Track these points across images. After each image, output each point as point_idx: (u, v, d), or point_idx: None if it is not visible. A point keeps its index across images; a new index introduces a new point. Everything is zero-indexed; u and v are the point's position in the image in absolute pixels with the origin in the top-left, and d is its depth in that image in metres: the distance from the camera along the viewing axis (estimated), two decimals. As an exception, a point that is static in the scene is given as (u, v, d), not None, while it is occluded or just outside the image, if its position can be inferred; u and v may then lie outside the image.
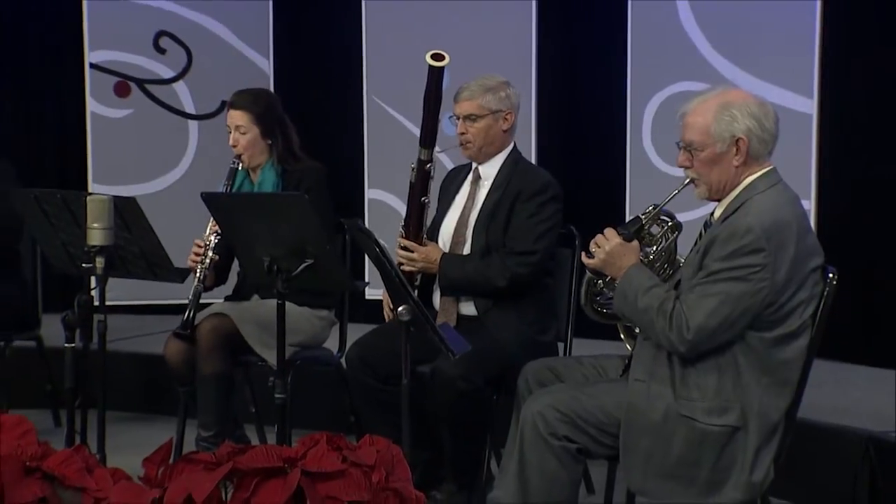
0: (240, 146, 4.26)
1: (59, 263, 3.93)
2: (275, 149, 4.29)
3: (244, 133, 4.26)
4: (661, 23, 5.61)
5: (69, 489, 2.53)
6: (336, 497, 2.35)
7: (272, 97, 4.41)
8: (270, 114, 4.30)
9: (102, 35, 6.27)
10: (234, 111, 4.30)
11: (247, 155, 4.27)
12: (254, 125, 4.26)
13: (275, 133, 4.29)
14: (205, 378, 4.08)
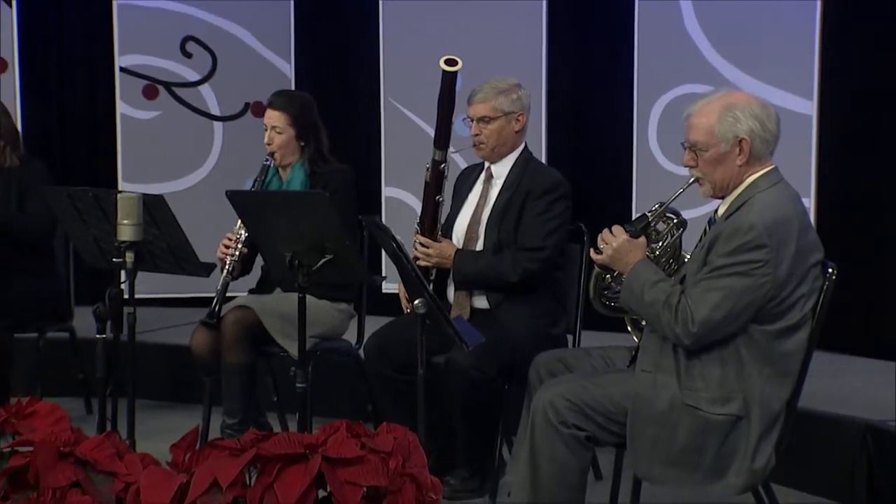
0: (274, 145, 4.27)
1: (90, 258, 3.94)
2: (306, 150, 4.30)
3: (280, 133, 4.26)
4: (666, 27, 5.60)
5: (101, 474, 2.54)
6: (355, 482, 2.35)
7: (309, 101, 4.38)
8: (306, 117, 4.30)
9: (131, 40, 6.28)
10: (271, 111, 4.30)
11: (279, 154, 4.28)
12: (289, 126, 4.26)
13: (308, 135, 4.29)
14: (229, 368, 4.09)
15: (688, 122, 3.13)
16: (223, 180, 5.59)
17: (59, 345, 4.94)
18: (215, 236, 4.23)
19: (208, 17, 6.32)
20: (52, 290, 4.82)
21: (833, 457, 4.02)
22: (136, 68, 6.30)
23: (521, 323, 3.87)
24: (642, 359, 3.17)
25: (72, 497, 2.46)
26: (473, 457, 3.85)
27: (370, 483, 2.36)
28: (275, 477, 2.34)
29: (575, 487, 3.10)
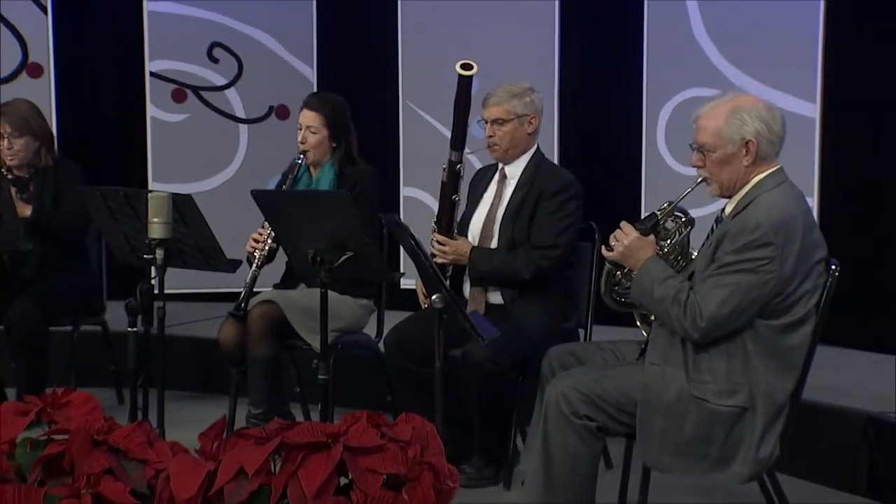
0: (307, 144, 4.27)
1: (122, 255, 3.95)
2: (337, 151, 4.30)
3: (314, 133, 4.26)
4: (674, 33, 5.60)
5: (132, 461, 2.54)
6: (375, 470, 2.35)
7: (343, 104, 4.38)
8: (340, 119, 4.31)
9: (161, 46, 6.30)
10: (307, 111, 4.29)
11: (312, 153, 4.28)
12: (324, 127, 4.26)
13: (340, 137, 4.30)
14: (255, 360, 4.10)
15: (696, 125, 3.13)
16: (248, 180, 5.59)
17: (93, 337, 4.96)
18: (241, 234, 4.24)
19: (234, 23, 6.33)
20: (85, 285, 4.84)
21: (835, 447, 4.01)
22: (165, 73, 6.32)
23: (534, 318, 3.86)
24: (651, 352, 3.16)
25: (105, 483, 2.47)
26: (489, 446, 3.85)
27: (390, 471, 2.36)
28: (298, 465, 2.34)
29: (586, 476, 3.09)
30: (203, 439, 2.52)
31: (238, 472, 2.35)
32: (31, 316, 4.48)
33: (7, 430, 2.58)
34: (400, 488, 2.36)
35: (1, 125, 4.56)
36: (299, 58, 6.39)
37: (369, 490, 2.32)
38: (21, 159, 4.60)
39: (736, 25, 5.46)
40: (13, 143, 4.56)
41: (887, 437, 3.89)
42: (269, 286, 4.37)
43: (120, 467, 2.52)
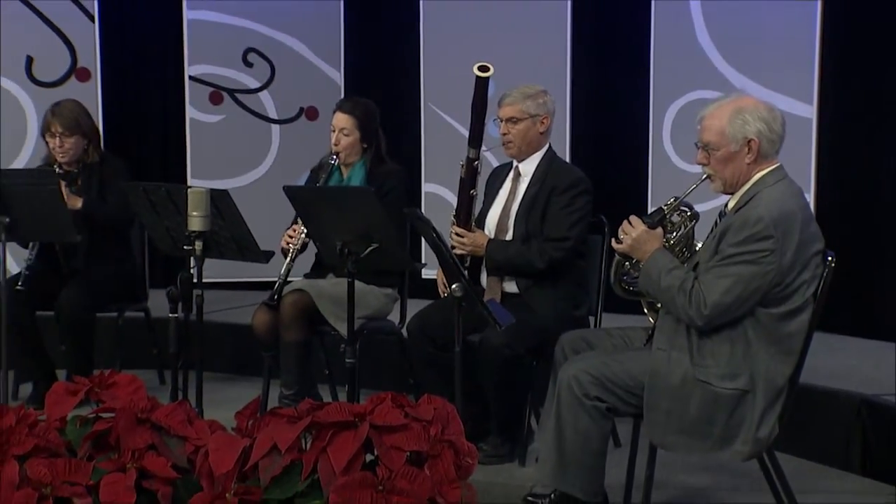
0: (340, 145, 4.27)
1: (163, 246, 3.96)
2: (368, 152, 4.30)
3: (347, 135, 4.26)
4: (679, 39, 5.57)
5: (174, 437, 2.56)
6: (399, 447, 2.35)
7: (374, 108, 4.37)
8: (370, 122, 4.30)
9: (199, 51, 6.31)
10: (341, 114, 4.29)
11: (344, 153, 4.28)
12: (356, 130, 4.26)
13: (370, 139, 4.29)
14: (287, 345, 4.10)
15: (701, 124, 3.11)
16: (280, 177, 5.61)
17: (136, 323, 4.98)
18: (273, 226, 4.25)
19: (267, 30, 6.33)
20: (129, 274, 4.85)
21: (831, 427, 4.00)
22: (203, 77, 6.32)
23: (547, 305, 3.86)
24: (658, 338, 3.15)
25: (148, 458, 2.48)
26: (505, 425, 3.85)
27: (413, 448, 2.36)
28: (328, 442, 2.35)
29: (596, 453, 3.08)
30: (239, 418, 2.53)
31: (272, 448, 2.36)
32: (79, 303, 4.50)
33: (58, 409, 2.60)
34: (422, 464, 2.36)
35: (53, 125, 4.58)
36: (328, 62, 6.38)
37: (394, 466, 2.33)
38: (71, 156, 4.61)
39: (737, 31, 5.43)
40: (64, 141, 4.58)
41: (880, 418, 3.88)
42: (300, 276, 4.38)
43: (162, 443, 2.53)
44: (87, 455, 2.50)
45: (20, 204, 4.02)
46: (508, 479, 3.67)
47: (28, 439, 2.47)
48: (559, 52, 5.84)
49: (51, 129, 4.60)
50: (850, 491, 3.73)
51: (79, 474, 2.44)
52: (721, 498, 3.62)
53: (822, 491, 3.67)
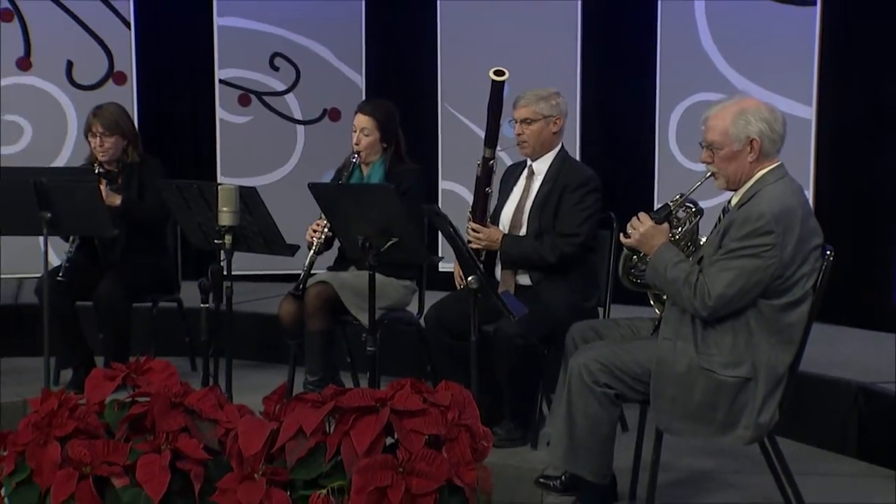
0: (361, 145, 4.26)
1: (195, 240, 3.97)
2: (387, 151, 4.29)
3: (367, 135, 4.26)
4: (684, 44, 5.55)
5: (205, 420, 2.57)
6: (419, 431, 2.36)
7: (393, 109, 4.35)
8: (390, 123, 4.29)
9: (229, 56, 6.31)
10: (361, 116, 4.28)
11: (364, 153, 4.27)
12: (375, 130, 4.25)
13: (390, 139, 4.29)
14: (311, 334, 4.11)
15: (705, 125, 3.10)
16: (305, 174, 5.59)
17: (169, 313, 4.98)
18: (299, 221, 4.25)
19: (293, 36, 6.33)
20: (163, 266, 4.86)
21: (829, 414, 3.99)
22: (232, 80, 6.33)
23: (558, 297, 3.85)
24: (664, 328, 3.14)
25: (182, 440, 2.49)
26: (518, 411, 3.84)
27: (431, 432, 2.36)
28: (350, 425, 2.36)
29: (605, 437, 3.08)
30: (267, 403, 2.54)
31: (297, 431, 2.36)
32: (116, 294, 4.51)
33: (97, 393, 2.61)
34: (440, 447, 2.37)
35: (94, 125, 4.60)
36: (350, 66, 6.38)
37: (413, 448, 2.33)
38: (111, 156, 4.62)
39: (739, 35, 5.41)
40: (104, 141, 4.59)
41: (875, 405, 3.86)
42: (324, 269, 4.38)
43: (195, 426, 2.55)
44: (124, 437, 2.52)
45: (61, 200, 4.04)
46: (521, 462, 3.66)
47: (69, 422, 2.49)
48: (570, 57, 5.83)
49: (92, 130, 4.61)
50: (846, 474, 3.72)
51: (117, 455, 2.45)
52: (724, 480, 3.61)
53: (819, 473, 3.66)
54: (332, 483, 2.30)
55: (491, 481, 2.41)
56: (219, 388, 2.99)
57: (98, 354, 4.61)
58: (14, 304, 5.52)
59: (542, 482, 3.42)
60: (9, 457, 2.49)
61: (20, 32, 6.14)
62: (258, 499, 2.31)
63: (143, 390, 2.63)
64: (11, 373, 4.95)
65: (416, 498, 2.26)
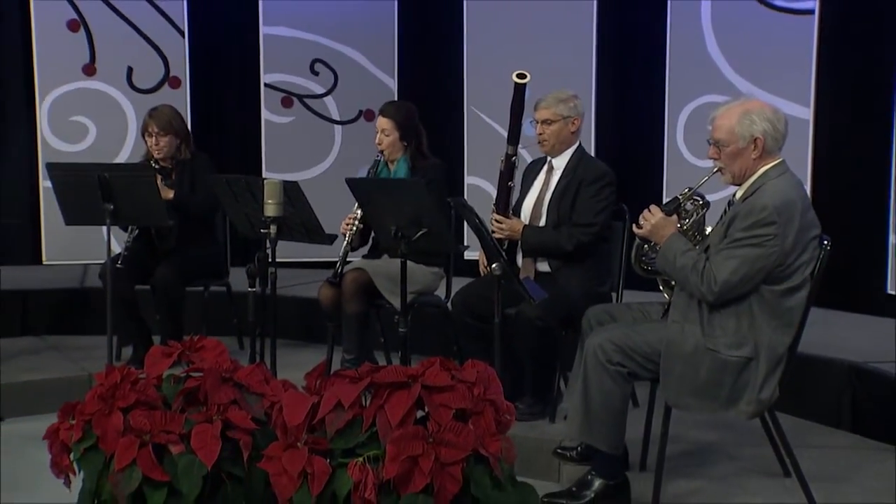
0: (383, 144, 4.26)
1: (243, 230, 3.98)
2: (409, 148, 4.28)
3: (388, 135, 4.25)
4: (692, 50, 5.52)
5: (253, 394, 2.57)
6: (447, 405, 2.35)
7: (412, 109, 4.34)
8: (409, 122, 4.27)
9: (273, 62, 6.33)
10: (382, 118, 4.27)
11: (387, 151, 4.27)
12: (395, 130, 4.24)
13: (410, 137, 4.27)
14: (348, 316, 4.11)
15: (713, 124, 3.07)
16: (342, 170, 5.60)
17: (219, 296, 5.01)
18: (336, 214, 4.25)
19: (331, 43, 6.33)
20: (213, 254, 4.88)
21: (824, 391, 3.96)
22: (276, 84, 6.34)
23: (575, 283, 3.83)
24: (673, 312, 3.12)
25: (232, 411, 2.50)
26: (537, 387, 3.83)
27: (459, 406, 2.35)
28: (385, 400, 2.35)
29: (618, 412, 3.07)
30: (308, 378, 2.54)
31: (336, 404, 2.36)
32: (171, 279, 4.54)
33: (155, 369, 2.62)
34: (467, 420, 2.36)
35: (150, 125, 4.62)
36: (383, 71, 6.37)
37: (442, 421, 2.32)
38: (165, 153, 4.65)
39: (743, 43, 5.37)
40: (159, 140, 4.62)
41: (868, 383, 3.85)
42: (359, 257, 4.39)
43: (243, 399, 2.55)
44: (179, 408, 2.52)
45: (122, 194, 4.07)
46: (541, 434, 3.66)
47: (130, 394, 2.50)
48: (586, 62, 5.81)
49: (148, 130, 4.64)
50: (839, 445, 3.70)
51: (173, 424, 2.46)
52: (727, 451, 3.59)
53: (815, 446, 3.64)
54: (368, 452, 2.30)
55: (513, 451, 2.40)
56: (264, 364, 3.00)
57: (155, 334, 4.64)
58: (80, 288, 5.56)
59: (559, 452, 3.42)
60: (77, 425, 2.51)
61: (86, 41, 6.18)
62: (301, 466, 2.31)
63: (196, 366, 2.63)
64: (77, 349, 5.01)
65: (444, 466, 2.25)
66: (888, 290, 4.95)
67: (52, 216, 5.82)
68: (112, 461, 2.42)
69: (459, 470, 2.26)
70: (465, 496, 2.29)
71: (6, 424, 4.25)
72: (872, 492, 3.21)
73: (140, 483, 2.40)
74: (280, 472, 2.33)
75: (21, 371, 4.61)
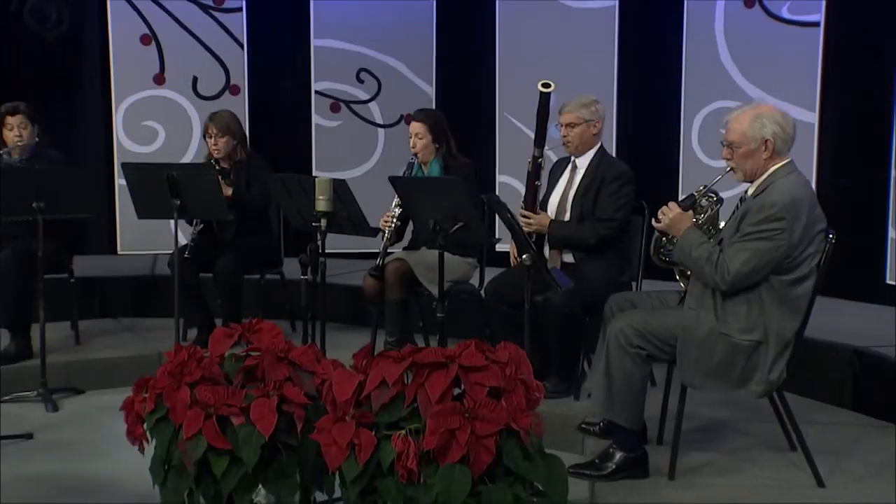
0: (417, 147, 4.26)
1: (295, 223, 3.99)
2: (441, 150, 4.28)
3: (421, 139, 4.25)
4: (706, 59, 5.46)
5: (305, 372, 2.58)
6: (482, 383, 2.34)
7: (441, 115, 4.35)
8: (439, 127, 4.28)
9: (323, 71, 6.33)
10: (414, 123, 4.28)
11: (421, 154, 4.27)
12: (427, 133, 4.24)
13: (441, 140, 4.27)
14: (390, 302, 4.12)
15: (726, 126, 3.03)
16: (384, 169, 5.60)
17: (273, 284, 5.04)
18: (379, 209, 4.25)
19: (376, 54, 6.32)
20: (268, 245, 4.90)
21: (829, 372, 3.91)
22: (325, 91, 6.35)
23: (598, 273, 3.80)
24: (688, 299, 3.10)
25: (286, 388, 2.51)
26: (563, 368, 3.81)
27: (492, 384, 2.35)
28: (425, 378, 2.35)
29: (638, 391, 3.04)
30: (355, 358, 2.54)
31: (381, 382, 2.36)
32: (231, 267, 4.56)
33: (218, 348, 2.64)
34: (500, 397, 2.35)
35: (210, 128, 4.65)
36: (422, 79, 6.36)
37: (477, 398, 2.32)
38: (223, 153, 4.67)
39: (753, 52, 5.31)
40: (217, 140, 4.64)
41: (868, 365, 3.80)
42: (400, 248, 4.39)
43: (297, 376, 2.56)
44: (240, 384, 2.54)
45: (187, 190, 4.09)
46: (566, 411, 3.64)
47: (196, 371, 2.52)
48: (607, 70, 5.77)
49: (208, 131, 4.66)
50: (841, 422, 3.65)
51: (234, 398, 2.48)
52: (738, 428, 3.55)
53: (819, 423, 3.59)
54: (409, 425, 2.30)
55: (542, 426, 2.39)
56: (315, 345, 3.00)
57: (217, 317, 4.67)
58: (150, 276, 5.61)
59: (583, 428, 3.40)
60: (149, 398, 2.54)
61: (156, 54, 6.24)
62: (349, 437, 2.31)
63: (254, 346, 2.65)
64: (148, 330, 5.06)
65: (479, 439, 2.25)
66: (887, 281, 4.89)
67: (125, 211, 5.92)
68: (180, 431, 2.45)
69: (493, 442, 2.26)
70: (498, 466, 2.29)
71: (87, 397, 4.32)
72: (872, 464, 3.17)
73: (205, 451, 2.42)
74: (330, 442, 2.33)
75: (99, 349, 4.68)
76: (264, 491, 2.49)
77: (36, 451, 3.61)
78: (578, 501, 2.94)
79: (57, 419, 4.00)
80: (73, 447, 3.65)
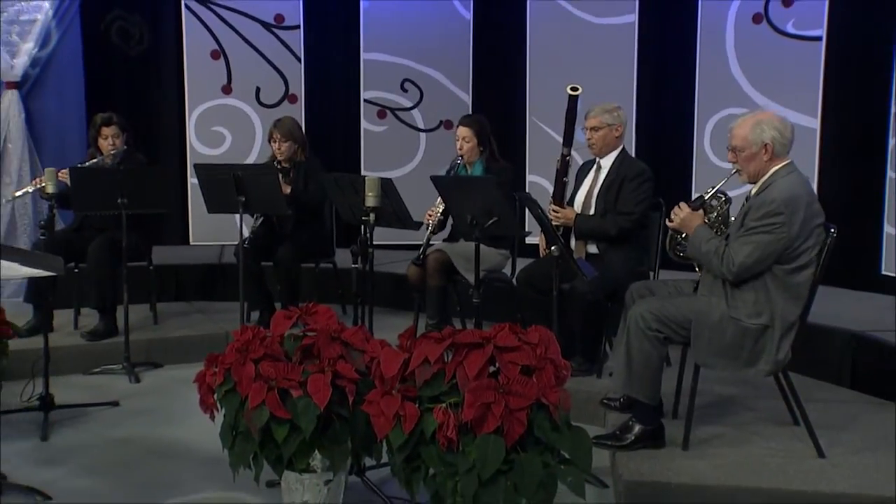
0: (463, 150, 4.26)
1: (347, 217, 3.99)
2: (484, 153, 4.27)
3: (468, 142, 4.26)
4: (717, 70, 5.38)
5: (356, 350, 2.60)
6: (515, 362, 2.33)
7: (486, 121, 4.35)
8: (484, 131, 4.29)
9: (371, 81, 6.34)
10: (462, 127, 4.29)
11: (467, 155, 4.27)
12: (473, 137, 4.25)
13: (485, 143, 4.28)
14: (431, 289, 4.13)
15: (731, 133, 3.03)
16: (426, 169, 5.62)
17: (327, 271, 5.06)
18: (422, 205, 4.25)
19: (418, 66, 6.31)
20: (323, 237, 4.93)
21: (829, 354, 3.86)
22: (373, 99, 6.36)
23: (619, 263, 3.78)
24: (702, 287, 3.08)
25: (339, 364, 2.53)
26: (587, 349, 3.80)
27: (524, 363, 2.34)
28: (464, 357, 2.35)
29: (655, 369, 3.02)
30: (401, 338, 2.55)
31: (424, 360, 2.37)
32: (289, 257, 4.59)
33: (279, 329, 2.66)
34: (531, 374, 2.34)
35: (275, 133, 4.69)
36: (460, 88, 6.34)
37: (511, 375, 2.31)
38: (286, 155, 4.70)
39: (761, 64, 5.22)
40: (281, 145, 4.68)
41: (864, 347, 3.76)
42: (440, 241, 4.39)
43: (348, 354, 2.58)
44: (298, 361, 2.56)
45: (251, 188, 4.12)
46: (590, 388, 3.64)
47: (260, 349, 2.55)
48: (628, 79, 5.70)
49: (273, 137, 4.70)
50: (840, 400, 3.61)
51: (293, 373, 2.50)
52: (746, 404, 3.51)
53: (820, 400, 3.54)
54: (449, 399, 2.30)
55: (569, 401, 2.38)
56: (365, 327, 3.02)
57: (277, 301, 4.70)
58: (218, 264, 5.68)
59: (605, 403, 3.39)
60: (219, 372, 2.57)
61: (224, 67, 6.29)
62: (395, 409, 2.32)
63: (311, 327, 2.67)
64: (217, 312, 5.12)
65: (512, 412, 2.25)
66: (883, 272, 4.80)
67: (197, 206, 5.98)
68: (246, 401, 2.48)
69: (525, 415, 2.26)
70: (529, 436, 2.28)
71: (164, 370, 4.39)
72: (868, 438, 3.13)
73: (268, 419, 2.45)
74: (378, 413, 2.35)
75: (175, 328, 4.75)
76: (320, 456, 2.52)
77: (121, 416, 3.69)
78: (601, 469, 2.94)
79: (139, 389, 4.07)
80: (153, 414, 3.72)
